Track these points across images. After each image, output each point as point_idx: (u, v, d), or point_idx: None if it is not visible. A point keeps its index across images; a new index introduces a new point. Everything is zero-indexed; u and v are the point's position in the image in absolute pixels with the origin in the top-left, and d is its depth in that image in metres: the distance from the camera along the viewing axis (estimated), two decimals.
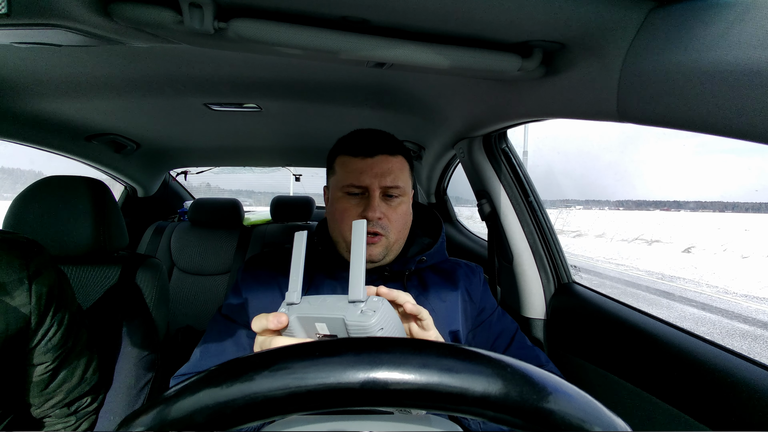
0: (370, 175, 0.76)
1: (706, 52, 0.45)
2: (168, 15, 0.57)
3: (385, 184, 0.76)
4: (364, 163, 0.77)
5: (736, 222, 27.47)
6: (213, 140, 1.93)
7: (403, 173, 0.79)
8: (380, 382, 0.26)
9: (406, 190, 0.79)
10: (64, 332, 0.78)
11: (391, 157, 0.78)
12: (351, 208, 0.77)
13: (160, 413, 0.27)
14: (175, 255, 2.13)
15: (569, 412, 0.26)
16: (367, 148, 0.77)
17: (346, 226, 0.77)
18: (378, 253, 0.78)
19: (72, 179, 1.05)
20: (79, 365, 0.83)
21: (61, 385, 0.80)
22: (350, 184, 0.77)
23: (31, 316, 0.73)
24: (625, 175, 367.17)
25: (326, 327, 0.48)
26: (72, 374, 0.81)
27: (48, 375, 0.78)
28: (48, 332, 0.76)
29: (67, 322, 0.79)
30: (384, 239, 0.77)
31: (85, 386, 0.84)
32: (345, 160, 0.79)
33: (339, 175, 0.80)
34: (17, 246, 0.75)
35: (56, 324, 0.77)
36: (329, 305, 0.48)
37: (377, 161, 0.77)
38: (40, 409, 0.80)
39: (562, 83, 0.72)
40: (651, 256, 12.79)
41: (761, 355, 4.70)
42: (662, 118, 0.55)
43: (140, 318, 1.08)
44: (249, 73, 1.06)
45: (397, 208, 0.78)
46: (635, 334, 0.86)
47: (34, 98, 1.18)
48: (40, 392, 0.78)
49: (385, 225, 0.77)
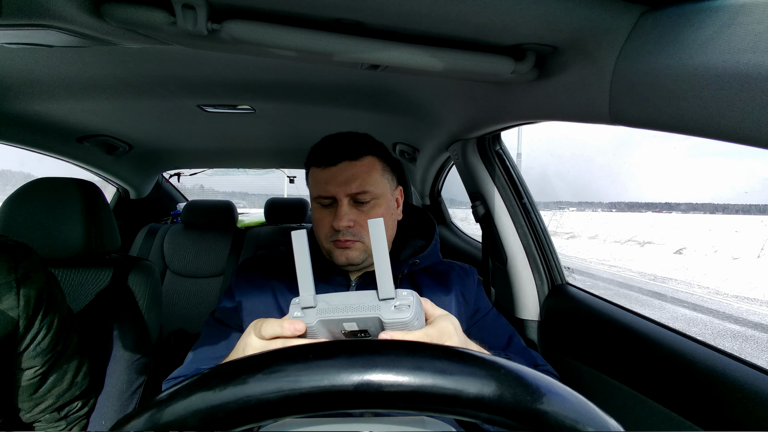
0: (334, 184, 0.75)
1: (696, 56, 0.45)
2: (161, 16, 0.57)
3: (350, 191, 0.75)
4: (328, 173, 0.76)
5: (727, 223, 27.79)
6: (206, 142, 1.92)
7: (371, 176, 0.77)
8: (374, 385, 0.26)
9: (377, 192, 0.77)
10: (54, 336, 0.77)
11: (354, 162, 0.76)
12: (324, 218, 0.78)
13: (152, 417, 0.27)
14: (168, 257, 2.11)
15: (563, 413, 0.26)
16: (329, 157, 0.76)
17: (322, 235, 0.78)
18: (356, 256, 0.77)
19: (63, 181, 1.04)
20: (69, 369, 0.81)
21: (50, 390, 0.79)
22: (318, 195, 0.78)
23: (20, 320, 0.72)
24: (617, 177, 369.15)
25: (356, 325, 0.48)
26: (62, 379, 0.80)
27: (37, 379, 0.76)
28: (37, 336, 0.75)
29: (56, 326, 0.78)
30: (359, 243, 0.77)
31: (76, 390, 0.83)
32: (313, 172, 0.79)
33: (311, 186, 0.81)
34: (5, 249, 0.74)
35: (45, 328, 0.76)
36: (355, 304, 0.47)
37: (340, 169, 0.75)
38: (29, 413, 0.78)
39: (554, 86, 0.73)
40: (643, 257, 12.89)
41: (752, 355, 4.75)
42: (653, 121, 0.55)
43: (132, 321, 1.07)
44: (243, 75, 1.05)
45: (370, 212, 0.77)
46: (628, 335, 0.87)
47: (26, 99, 1.17)
48: (30, 397, 0.77)
49: (356, 232, 0.76)
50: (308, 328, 0.47)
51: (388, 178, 0.82)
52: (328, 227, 0.77)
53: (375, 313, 0.46)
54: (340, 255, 0.77)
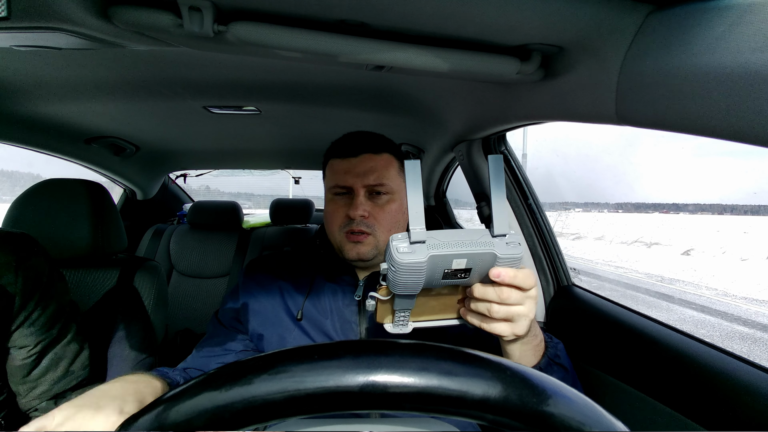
0: (353, 174, 0.77)
1: (703, 55, 0.45)
2: (168, 18, 0.57)
3: (369, 182, 0.77)
4: (348, 164, 0.78)
5: (735, 224, 27.49)
6: (212, 143, 1.93)
7: (389, 171, 0.79)
8: (379, 386, 0.26)
9: (393, 188, 0.79)
10: (49, 318, 0.81)
11: (375, 155, 0.79)
12: (338, 209, 0.78)
13: (158, 417, 0.27)
14: (174, 258, 2.13)
15: (569, 415, 0.26)
16: (351, 149, 0.79)
17: (335, 226, 0.79)
18: (367, 252, 0.77)
19: (70, 182, 1.05)
20: (65, 357, 0.84)
21: (45, 374, 0.81)
22: (335, 185, 0.79)
23: (17, 296, 0.77)
24: (624, 177, 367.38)
25: (465, 263, 0.47)
26: (56, 364, 0.83)
27: (31, 360, 0.79)
28: (31, 315, 0.79)
29: (52, 310, 0.82)
30: (371, 237, 0.77)
31: (72, 380, 0.85)
32: (332, 163, 0.81)
33: (328, 177, 0.82)
34: (10, 239, 0.80)
35: (41, 308, 0.80)
36: (466, 240, 0.46)
37: (361, 160, 0.78)
38: (25, 398, 0.81)
39: (560, 86, 0.72)
40: (650, 258, 12.79)
41: (761, 357, 4.69)
42: (661, 121, 0.55)
43: (138, 321, 1.08)
44: (248, 76, 1.06)
45: (385, 207, 0.78)
46: (635, 336, 0.86)
47: (34, 101, 1.18)
48: (23, 378, 0.80)
49: (371, 223, 0.77)
50: (415, 265, 0.45)
51: (403, 179, 0.82)
52: (342, 217, 0.77)
53: (490, 249, 0.46)
54: (351, 249, 0.77)
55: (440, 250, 0.45)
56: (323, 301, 0.80)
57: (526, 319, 0.54)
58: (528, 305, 0.54)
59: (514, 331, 0.54)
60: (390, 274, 0.47)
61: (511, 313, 0.53)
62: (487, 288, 0.52)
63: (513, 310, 0.53)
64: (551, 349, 0.66)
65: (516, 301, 0.52)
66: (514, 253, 0.46)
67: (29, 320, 0.79)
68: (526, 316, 0.54)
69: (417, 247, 0.45)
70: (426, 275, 0.47)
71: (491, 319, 0.53)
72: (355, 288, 0.80)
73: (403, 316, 0.54)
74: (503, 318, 0.53)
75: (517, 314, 0.53)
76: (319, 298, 0.80)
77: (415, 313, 0.55)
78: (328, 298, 0.80)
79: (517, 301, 0.52)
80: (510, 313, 0.53)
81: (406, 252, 0.45)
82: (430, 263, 0.45)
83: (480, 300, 0.53)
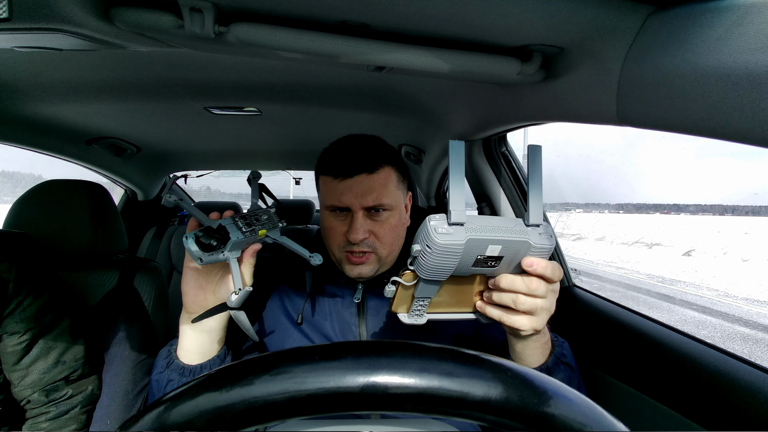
0: (350, 195, 0.73)
1: (704, 56, 0.45)
2: (169, 19, 0.57)
3: (367, 204, 0.73)
4: (343, 185, 0.73)
5: (737, 225, 27.44)
6: (213, 144, 1.93)
7: (387, 188, 0.75)
8: (380, 387, 0.26)
9: (393, 204, 0.76)
10: (40, 308, 0.83)
11: (371, 175, 0.74)
12: (336, 226, 0.76)
13: (159, 417, 0.27)
14: (174, 258, 2.13)
15: (570, 416, 0.26)
16: (345, 168, 0.74)
17: (335, 245, 0.76)
18: (369, 270, 0.76)
19: (71, 183, 1.05)
20: (56, 347, 0.85)
21: (35, 362, 0.83)
22: (332, 205, 0.75)
23: (10, 282, 0.79)
24: (625, 178, 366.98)
25: (499, 250, 0.46)
26: (46, 353, 0.84)
27: (22, 347, 0.81)
28: (23, 302, 0.81)
29: (45, 301, 0.84)
30: (373, 255, 0.75)
31: (64, 370, 0.86)
32: (326, 180, 0.76)
33: (322, 193, 0.78)
34: (7, 237, 0.83)
35: (32, 296, 0.82)
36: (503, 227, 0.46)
37: (357, 181, 0.73)
38: (18, 387, 0.83)
39: (561, 87, 0.72)
40: (651, 259, 12.78)
41: (762, 358, 4.68)
42: (661, 122, 0.55)
43: (139, 322, 1.08)
44: (249, 77, 1.06)
45: (385, 223, 0.75)
46: (636, 337, 0.86)
47: (35, 102, 1.19)
48: (14, 366, 0.81)
49: (371, 243, 0.75)
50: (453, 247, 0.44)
51: (402, 188, 0.80)
52: (341, 237, 0.75)
53: (525, 237, 0.45)
54: (352, 270, 0.76)
55: (479, 234, 0.44)
56: (322, 304, 0.79)
57: (547, 313, 0.54)
58: (550, 299, 0.54)
59: (534, 325, 0.54)
60: (421, 256, 0.46)
61: (536, 305, 0.52)
62: (515, 278, 0.51)
63: (538, 302, 0.52)
64: (558, 347, 0.66)
65: (542, 293, 0.52)
66: (548, 243, 0.46)
67: (21, 307, 0.81)
68: (548, 310, 0.54)
69: (455, 228, 0.44)
70: (460, 260, 0.45)
71: (513, 311, 0.53)
72: (354, 291, 0.80)
73: (421, 305, 0.53)
74: (527, 310, 0.52)
75: (540, 307, 0.53)
76: (319, 301, 0.80)
77: (431, 304, 0.54)
78: (327, 301, 0.80)
79: (543, 294, 0.52)
80: (535, 306, 0.52)
81: (444, 233, 0.43)
82: (466, 247, 0.44)
83: (506, 291, 0.52)
